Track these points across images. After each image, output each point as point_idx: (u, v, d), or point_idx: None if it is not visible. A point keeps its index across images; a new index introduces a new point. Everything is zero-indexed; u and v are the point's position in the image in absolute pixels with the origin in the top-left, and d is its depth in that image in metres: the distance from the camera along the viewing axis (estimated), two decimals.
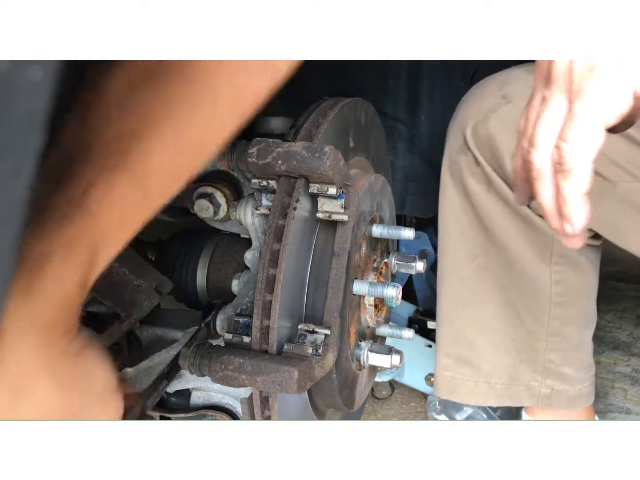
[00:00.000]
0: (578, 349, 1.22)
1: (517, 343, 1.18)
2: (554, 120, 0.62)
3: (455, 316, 1.19)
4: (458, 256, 1.15)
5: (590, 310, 1.23)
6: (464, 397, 1.23)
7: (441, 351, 1.23)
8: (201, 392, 0.96)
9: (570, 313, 1.18)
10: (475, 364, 1.19)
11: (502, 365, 1.19)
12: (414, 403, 1.68)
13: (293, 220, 0.77)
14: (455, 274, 1.17)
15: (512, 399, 1.22)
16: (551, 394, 1.21)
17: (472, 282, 1.16)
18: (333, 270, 0.83)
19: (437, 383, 1.24)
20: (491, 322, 1.17)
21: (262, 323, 0.76)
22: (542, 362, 1.19)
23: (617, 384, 1.68)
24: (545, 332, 1.17)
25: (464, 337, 1.19)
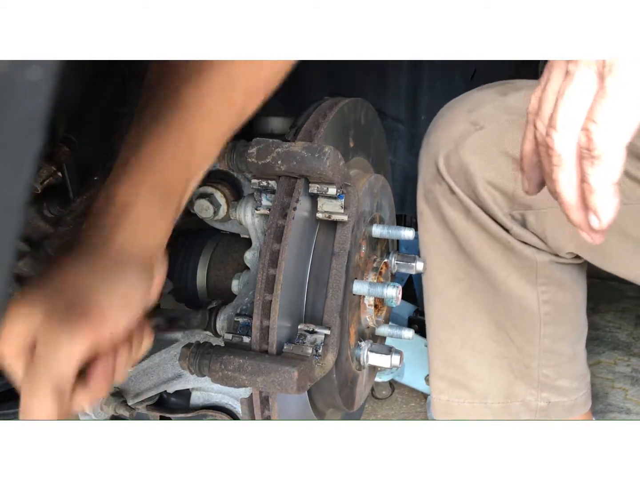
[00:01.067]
0: (571, 361, 1.21)
1: (510, 361, 1.16)
2: (581, 98, 0.54)
3: (445, 339, 1.17)
4: (441, 280, 1.13)
5: (581, 323, 1.21)
6: (461, 418, 1.22)
7: (434, 374, 1.21)
8: (201, 392, 0.96)
9: (561, 330, 1.16)
10: (469, 386, 1.18)
11: (497, 384, 1.18)
12: (414, 403, 1.68)
13: (293, 220, 0.77)
14: (440, 298, 1.15)
15: (509, 416, 1.20)
16: (548, 407, 1.20)
17: (458, 305, 1.13)
18: (333, 270, 0.83)
19: (433, 406, 1.23)
20: (481, 343, 1.15)
21: (262, 323, 0.76)
22: (537, 377, 1.18)
23: (617, 384, 1.69)
24: (537, 350, 1.16)
25: (455, 360, 1.17)
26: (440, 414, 1.23)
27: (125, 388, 0.90)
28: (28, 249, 0.82)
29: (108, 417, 0.88)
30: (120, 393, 0.89)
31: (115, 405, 0.86)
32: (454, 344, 1.16)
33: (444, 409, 1.21)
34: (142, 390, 0.91)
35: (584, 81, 0.54)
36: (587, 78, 0.54)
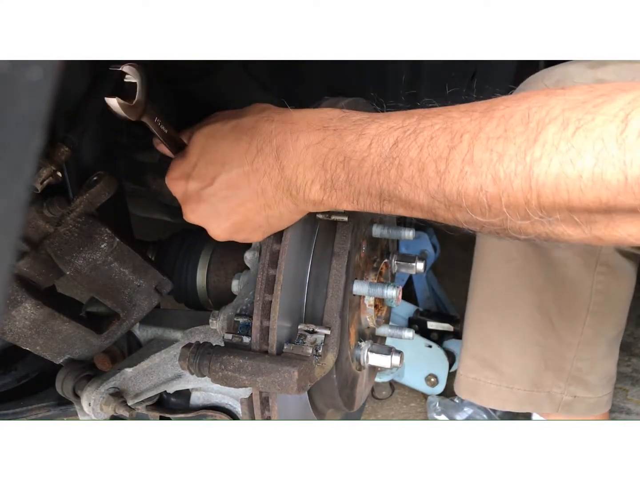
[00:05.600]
0: (606, 358, 1.22)
1: (544, 349, 1.17)
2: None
3: (485, 318, 1.18)
4: (492, 259, 1.13)
5: (622, 321, 1.22)
6: (484, 400, 1.23)
7: (466, 352, 1.22)
8: (201, 393, 0.96)
9: (605, 323, 1.17)
10: (499, 368, 1.19)
11: (526, 371, 1.18)
12: (414, 403, 1.68)
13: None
14: (487, 276, 1.15)
15: (532, 406, 1.21)
16: (572, 402, 1.20)
17: (505, 285, 1.14)
18: (333, 271, 0.83)
19: (459, 383, 1.24)
20: (520, 327, 1.16)
21: (262, 324, 0.76)
22: (569, 369, 1.18)
23: (617, 384, 1.68)
24: (577, 340, 1.16)
25: (491, 340, 1.18)
26: (464, 392, 1.23)
27: (125, 388, 0.90)
28: (28, 249, 0.82)
29: (108, 417, 0.88)
30: (120, 393, 0.89)
31: (115, 405, 0.86)
32: (493, 325, 1.17)
33: (470, 387, 1.21)
34: (142, 390, 0.91)
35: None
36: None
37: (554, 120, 0.53)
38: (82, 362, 0.91)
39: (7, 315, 0.80)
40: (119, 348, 0.96)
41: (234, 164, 0.70)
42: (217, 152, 0.71)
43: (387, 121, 0.64)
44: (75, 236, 0.84)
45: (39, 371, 1.14)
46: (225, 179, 0.70)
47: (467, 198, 0.57)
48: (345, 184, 0.65)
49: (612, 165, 0.49)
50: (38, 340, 0.85)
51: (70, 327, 0.87)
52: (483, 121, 0.57)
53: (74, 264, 0.84)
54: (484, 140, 0.56)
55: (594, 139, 0.50)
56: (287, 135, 0.68)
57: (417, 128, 0.61)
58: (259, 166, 0.69)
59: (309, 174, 0.67)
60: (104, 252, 0.85)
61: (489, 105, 0.59)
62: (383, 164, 0.62)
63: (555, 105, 0.54)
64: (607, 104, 0.51)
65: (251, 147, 0.69)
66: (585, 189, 0.51)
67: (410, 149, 0.60)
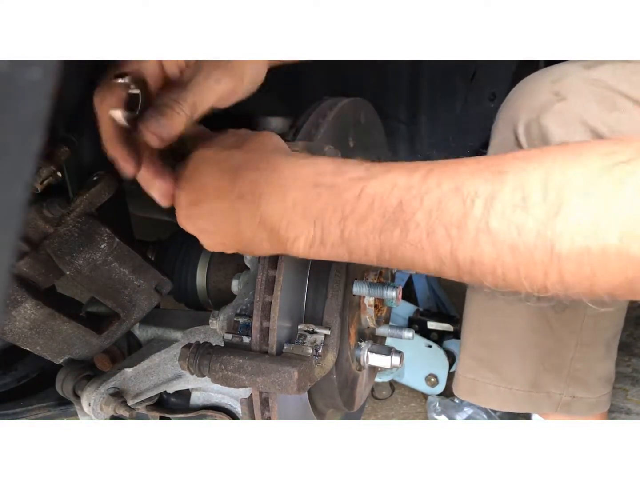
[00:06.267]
0: (605, 358, 1.22)
1: (543, 350, 1.17)
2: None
3: (484, 320, 1.18)
4: None
5: (620, 321, 1.22)
6: (483, 401, 1.23)
7: (465, 352, 1.22)
8: (201, 393, 0.96)
9: (603, 323, 1.17)
10: (499, 369, 1.19)
11: (526, 372, 1.18)
12: (414, 403, 1.68)
13: None
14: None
15: (531, 406, 1.21)
16: (571, 402, 1.21)
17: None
18: (333, 271, 0.83)
19: (457, 383, 1.24)
20: (520, 329, 1.16)
21: (262, 324, 0.76)
22: (567, 370, 1.18)
23: (617, 384, 1.68)
24: (575, 342, 1.16)
25: (490, 341, 1.18)
26: (463, 393, 1.23)
27: (125, 388, 0.90)
28: (28, 249, 0.82)
29: (108, 417, 0.88)
30: (120, 393, 0.89)
31: (115, 405, 0.86)
32: (492, 326, 1.17)
33: (469, 387, 1.21)
34: (142, 390, 0.91)
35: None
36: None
37: (575, 191, 0.51)
38: (82, 362, 0.91)
39: (7, 315, 0.80)
40: (119, 348, 0.96)
41: (217, 197, 0.68)
42: (205, 178, 0.69)
43: (388, 178, 0.60)
44: (75, 236, 0.84)
45: (39, 371, 1.14)
46: (210, 208, 0.68)
47: (482, 266, 0.55)
48: (338, 242, 0.62)
49: (637, 239, 0.48)
50: (38, 340, 0.85)
51: (70, 327, 0.87)
52: (497, 185, 0.54)
53: (74, 264, 0.84)
54: (499, 209, 0.53)
55: (617, 213, 0.49)
56: (274, 188, 0.65)
57: (422, 188, 0.57)
58: (240, 208, 0.66)
59: (294, 230, 0.64)
60: (104, 252, 0.85)
61: (500, 164, 0.56)
62: (385, 224, 0.59)
63: (574, 174, 0.52)
64: (630, 177, 0.50)
65: (234, 190, 0.67)
66: (609, 263, 0.50)
67: (416, 212, 0.57)
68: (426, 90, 1.56)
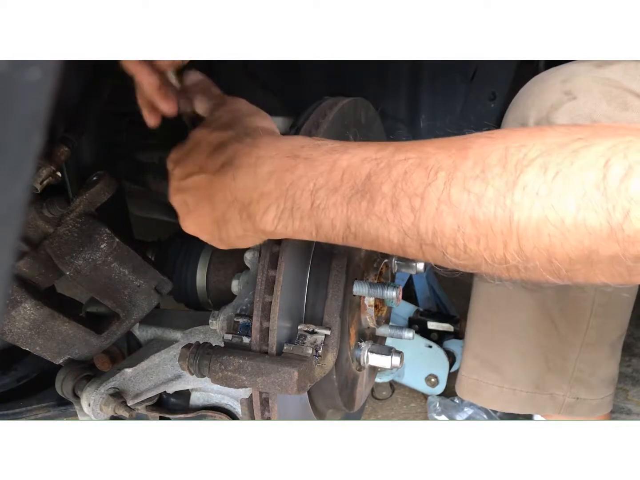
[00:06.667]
0: (609, 359, 1.21)
1: (547, 351, 1.17)
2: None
3: (488, 320, 1.17)
4: None
5: (626, 322, 1.22)
6: (486, 401, 1.23)
7: (469, 352, 1.22)
8: (201, 393, 0.96)
9: (608, 324, 1.17)
10: (502, 370, 1.18)
11: (529, 373, 1.18)
12: (414, 404, 1.68)
13: None
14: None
15: (534, 407, 1.21)
16: (575, 403, 1.20)
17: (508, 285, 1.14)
18: (333, 271, 0.83)
19: (460, 383, 1.24)
20: (523, 329, 1.15)
21: (262, 325, 0.76)
22: (572, 371, 1.18)
23: (618, 385, 1.68)
24: (580, 342, 1.16)
25: (494, 342, 1.18)
26: (466, 393, 1.23)
27: (125, 389, 0.90)
28: (28, 249, 0.82)
29: (108, 417, 0.88)
30: (120, 394, 0.89)
31: (114, 405, 0.86)
32: (495, 326, 1.17)
33: (472, 387, 1.21)
34: (141, 390, 0.91)
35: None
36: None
37: (533, 162, 0.52)
38: (82, 362, 0.91)
39: (7, 315, 0.80)
40: (118, 348, 0.96)
41: (201, 171, 0.70)
42: (195, 155, 0.72)
43: (360, 152, 0.62)
44: (75, 236, 0.84)
45: (39, 371, 1.14)
46: (195, 180, 0.71)
47: (443, 237, 0.56)
48: (307, 214, 0.63)
49: (595, 211, 0.49)
50: (38, 340, 0.85)
51: (70, 327, 0.87)
52: (459, 159, 0.56)
53: (74, 264, 0.84)
54: (460, 180, 0.55)
55: (575, 185, 0.50)
56: (252, 159, 0.67)
57: (391, 161, 0.59)
58: (216, 183, 0.68)
59: (266, 201, 0.65)
60: (104, 252, 0.85)
61: (464, 142, 0.58)
62: (354, 195, 0.60)
63: (533, 146, 0.53)
64: (586, 149, 0.51)
65: (215, 163, 0.69)
66: (567, 234, 0.51)
67: (383, 183, 0.59)
68: (426, 90, 1.56)
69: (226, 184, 0.68)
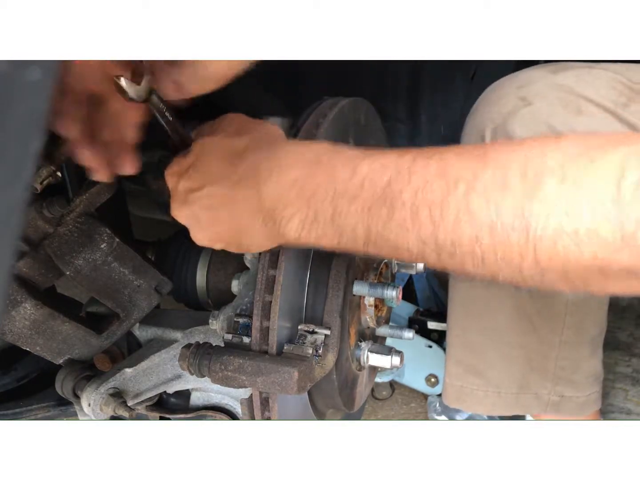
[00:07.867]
0: (590, 356, 1.22)
1: (528, 351, 1.17)
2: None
3: (467, 325, 1.17)
4: None
5: (603, 319, 1.23)
6: (472, 407, 1.23)
7: (451, 359, 1.22)
8: (201, 393, 0.96)
9: (585, 322, 1.17)
10: (485, 374, 1.19)
11: (512, 374, 1.18)
12: (415, 404, 1.68)
13: None
14: (465, 282, 1.15)
15: (520, 408, 1.21)
16: (560, 401, 1.21)
17: (483, 289, 1.14)
18: (333, 271, 0.83)
19: (445, 391, 1.24)
20: (502, 331, 1.16)
21: (262, 324, 0.76)
22: (553, 369, 1.18)
23: (617, 385, 1.68)
24: (558, 339, 1.16)
25: (474, 346, 1.18)
26: (451, 400, 1.23)
27: (125, 388, 0.90)
28: (28, 249, 0.82)
29: (108, 417, 0.88)
30: (120, 394, 0.89)
31: (114, 405, 0.86)
32: (475, 330, 1.17)
33: (457, 394, 1.21)
34: (141, 390, 0.91)
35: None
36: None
37: (552, 174, 0.53)
38: (82, 362, 0.91)
39: (7, 315, 0.80)
40: (118, 348, 0.96)
41: (217, 182, 0.69)
42: (208, 164, 0.71)
43: (380, 158, 0.62)
44: (75, 236, 0.84)
45: (39, 371, 1.14)
46: (209, 191, 0.70)
47: (461, 247, 0.56)
48: (329, 221, 0.63)
49: (608, 221, 0.50)
50: (38, 340, 0.85)
51: (70, 327, 0.87)
52: (479, 168, 0.56)
53: (74, 264, 0.84)
54: (480, 190, 0.55)
55: (590, 195, 0.50)
56: (274, 168, 0.66)
57: (411, 169, 0.59)
58: (238, 193, 0.68)
59: (290, 209, 0.65)
60: (104, 252, 0.85)
61: (484, 149, 0.58)
62: (375, 202, 0.60)
63: (552, 157, 0.53)
64: (602, 159, 0.51)
65: (234, 175, 0.68)
66: (581, 244, 0.51)
67: (403, 191, 0.59)
68: (426, 90, 1.56)
69: (248, 193, 0.67)
